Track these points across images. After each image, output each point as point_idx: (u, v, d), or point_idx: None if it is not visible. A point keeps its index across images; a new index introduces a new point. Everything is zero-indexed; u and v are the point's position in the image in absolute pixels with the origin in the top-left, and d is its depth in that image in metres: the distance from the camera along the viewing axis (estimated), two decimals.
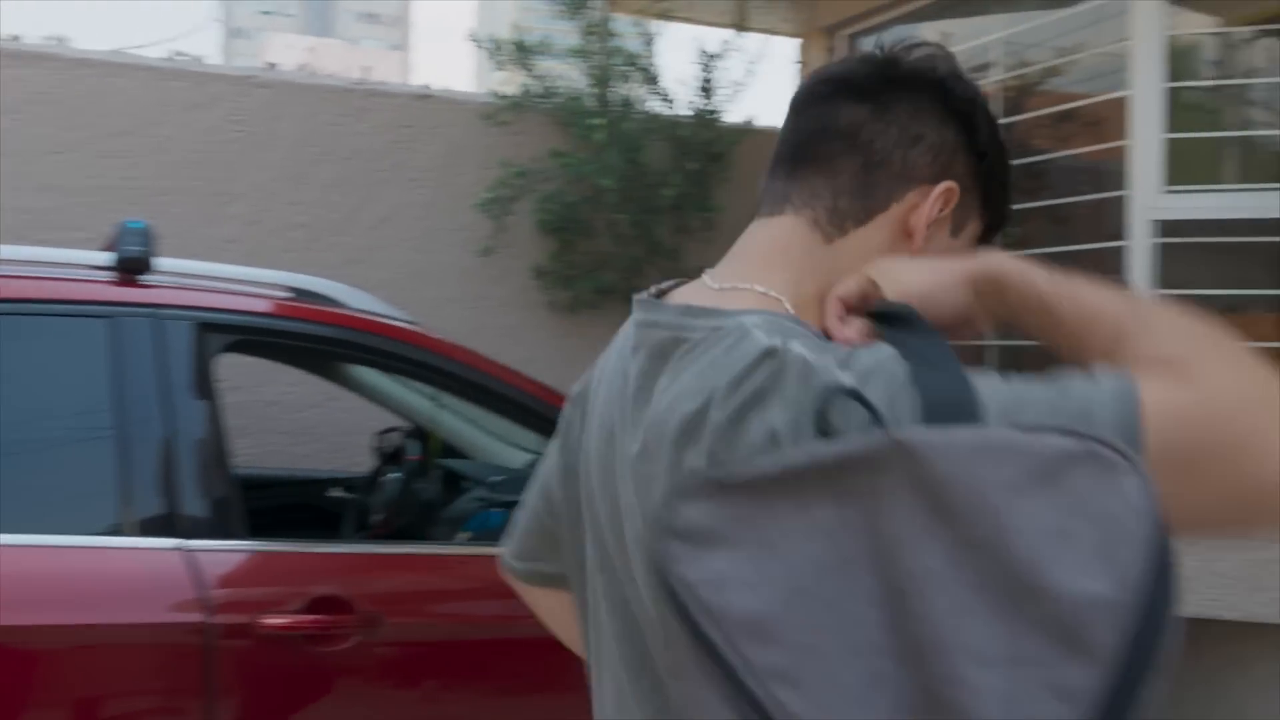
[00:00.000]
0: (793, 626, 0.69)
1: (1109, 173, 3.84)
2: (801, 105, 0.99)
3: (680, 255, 4.92)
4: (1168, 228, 3.64)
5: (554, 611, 1.15)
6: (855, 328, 0.87)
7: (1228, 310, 4.01)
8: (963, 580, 0.66)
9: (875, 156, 0.94)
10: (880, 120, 0.94)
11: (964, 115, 0.96)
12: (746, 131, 5.09)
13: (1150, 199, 3.63)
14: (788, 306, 0.91)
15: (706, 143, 4.88)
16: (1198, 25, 3.98)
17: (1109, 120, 3.91)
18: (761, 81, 5.04)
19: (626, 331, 0.98)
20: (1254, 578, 3.50)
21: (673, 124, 4.85)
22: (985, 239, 1.01)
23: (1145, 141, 3.63)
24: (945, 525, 0.67)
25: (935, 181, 0.94)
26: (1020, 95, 4.50)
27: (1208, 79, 3.91)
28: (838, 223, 0.94)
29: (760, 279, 0.93)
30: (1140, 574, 0.64)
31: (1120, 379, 0.76)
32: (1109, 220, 3.82)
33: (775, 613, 0.69)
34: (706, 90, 4.91)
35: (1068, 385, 0.77)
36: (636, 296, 0.99)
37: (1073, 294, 0.87)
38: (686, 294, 0.98)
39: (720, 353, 0.84)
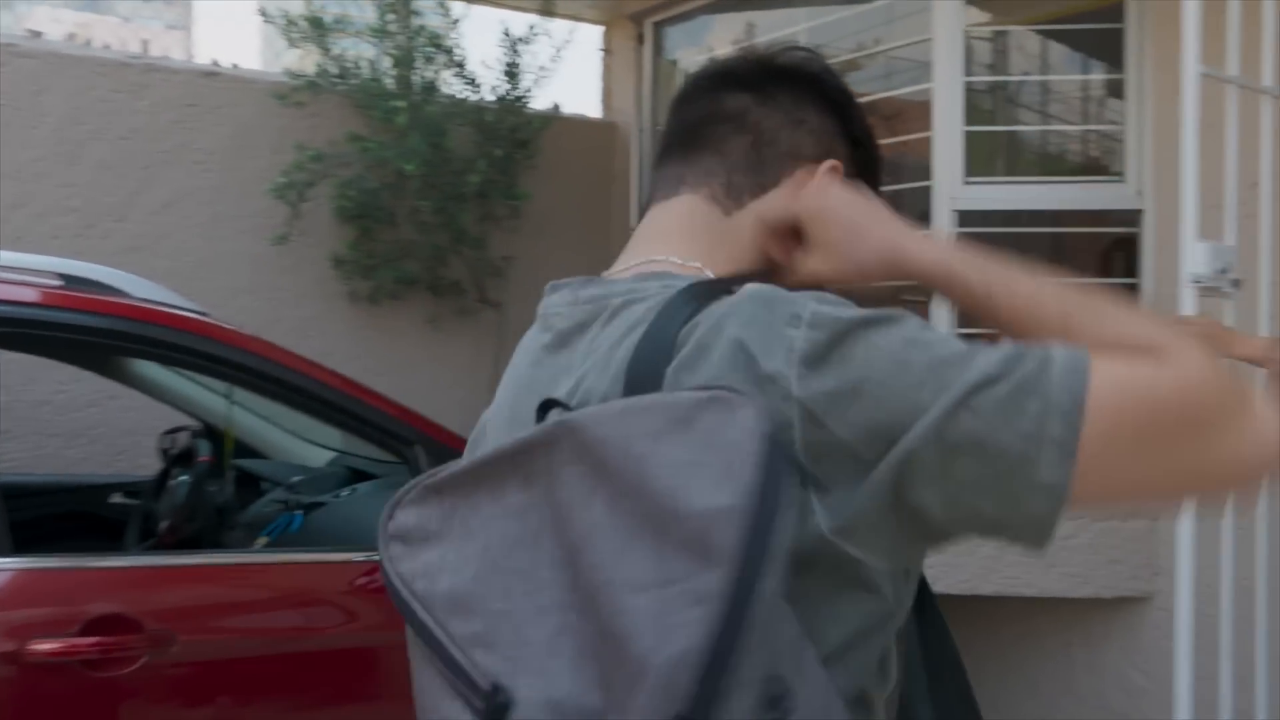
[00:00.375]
0: (488, 597, 0.79)
1: (911, 165, 3.92)
2: (686, 98, 1.05)
3: (486, 244, 4.79)
4: (966, 218, 3.75)
5: None
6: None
7: None
8: (620, 524, 0.73)
9: (764, 136, 1.00)
10: (764, 105, 1.01)
11: (839, 105, 1.04)
12: (553, 118, 4.99)
13: (952, 189, 3.72)
14: (708, 274, 0.96)
15: (512, 129, 4.77)
16: (995, 23, 4.11)
17: (909, 113, 3.99)
18: (567, 68, 4.95)
19: (527, 347, 1.02)
20: (1050, 556, 3.64)
21: (478, 109, 4.71)
22: None
23: (947, 134, 3.73)
24: (604, 481, 0.75)
25: (820, 160, 1.00)
26: None
27: (1003, 75, 4.04)
28: (735, 196, 1.00)
29: (676, 252, 0.98)
30: (752, 482, 0.70)
31: (1072, 353, 0.78)
32: (912, 211, 3.91)
33: (472, 588, 0.79)
34: (512, 75, 4.79)
35: (1022, 355, 0.79)
36: (553, 285, 1.04)
37: (1008, 285, 0.89)
38: (620, 271, 1.01)
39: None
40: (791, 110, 1.01)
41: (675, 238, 1.00)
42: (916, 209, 3.81)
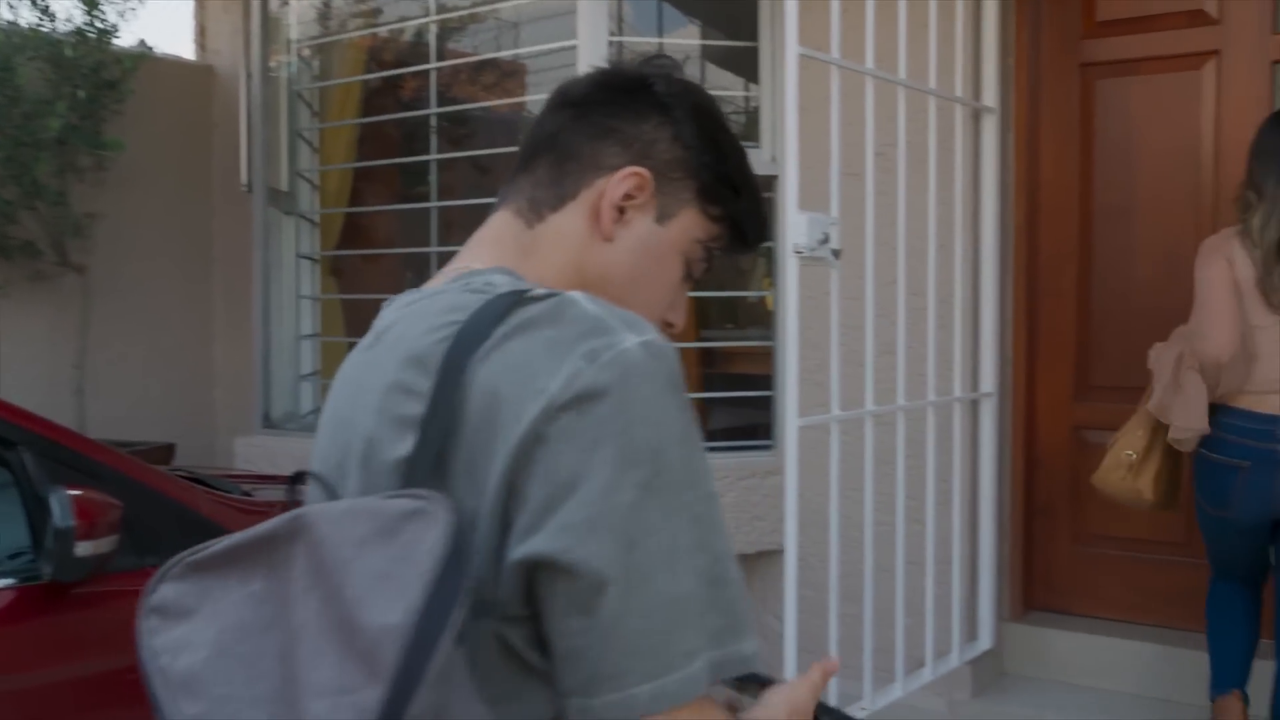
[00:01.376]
0: (215, 682, 0.81)
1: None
2: (528, 126, 1.09)
3: (67, 199, 4.18)
4: None
5: None
6: None
7: None
8: (323, 627, 0.76)
9: (566, 150, 1.03)
10: (578, 120, 1.03)
11: (666, 109, 1.03)
12: (143, 57, 4.43)
13: None
14: (513, 277, 0.99)
15: (96, 67, 4.17)
16: None
17: (544, 72, 3.89)
18: (158, 2, 4.40)
19: (359, 347, 1.02)
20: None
21: (53, 42, 4.07)
22: (735, 246, 1.09)
23: None
24: (320, 581, 0.78)
25: (616, 167, 1.01)
26: (446, 43, 4.36)
27: (652, 35, 4.02)
28: (535, 210, 1.03)
29: (475, 261, 1.03)
30: (419, 604, 0.74)
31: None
32: None
33: (202, 670, 0.81)
34: (91, 3, 4.18)
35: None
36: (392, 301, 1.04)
37: None
38: (429, 283, 1.04)
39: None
40: (602, 121, 1.02)
41: (483, 248, 1.04)
42: None
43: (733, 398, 4.13)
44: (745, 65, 3.98)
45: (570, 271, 1.01)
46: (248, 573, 0.82)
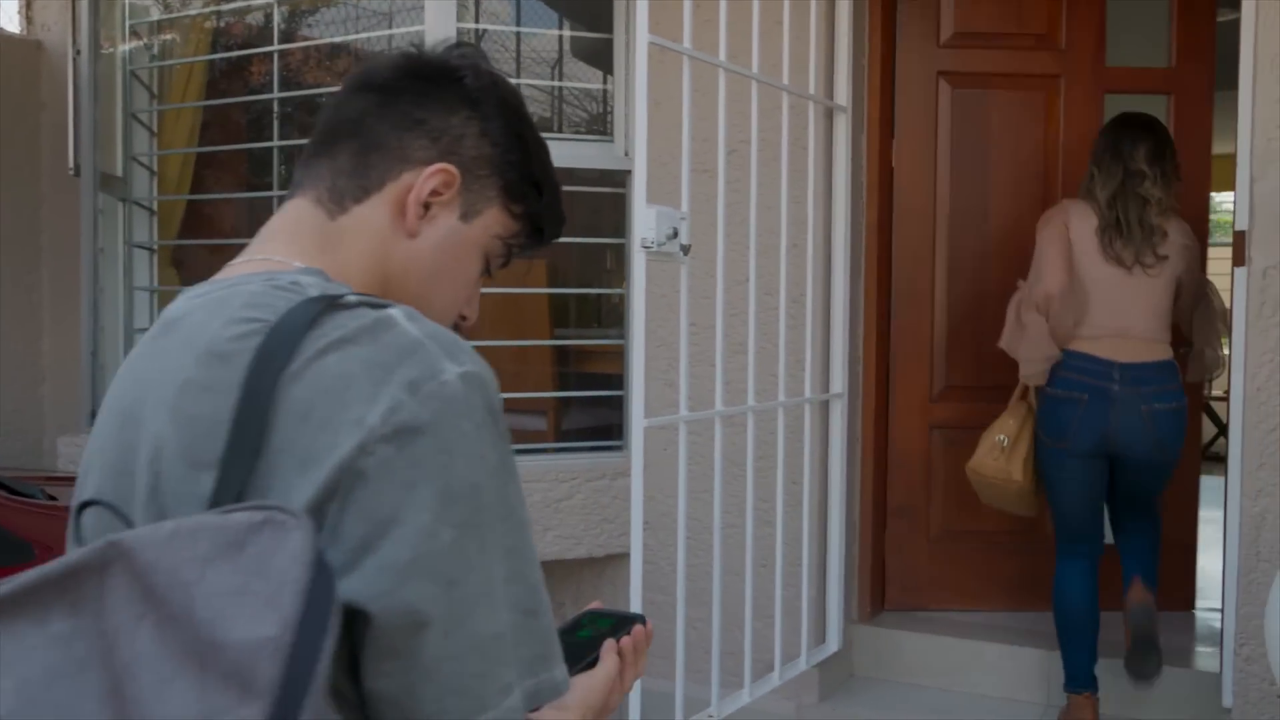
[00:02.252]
0: None
1: None
2: (327, 106, 1.03)
3: None
4: None
5: None
6: None
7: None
8: (166, 654, 0.70)
9: (372, 139, 0.98)
10: (384, 107, 0.99)
11: (474, 103, 1.00)
12: None
13: None
14: (312, 273, 0.95)
15: None
16: None
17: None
18: None
19: (146, 338, 0.96)
20: (546, 519, 3.61)
21: None
22: (533, 242, 1.06)
23: None
24: (153, 608, 0.71)
25: (426, 162, 0.98)
26: (294, 26, 4.18)
27: (506, 24, 3.90)
28: (337, 200, 0.99)
29: (279, 252, 0.97)
30: (296, 613, 0.70)
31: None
32: None
33: None
34: None
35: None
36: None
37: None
38: (223, 272, 0.98)
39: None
40: (410, 111, 0.99)
41: (281, 238, 0.99)
42: None
43: (587, 397, 4.05)
44: (602, 58, 3.90)
45: (372, 265, 0.98)
46: (42, 614, 0.74)
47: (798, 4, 3.27)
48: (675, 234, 2.79)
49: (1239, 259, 3.03)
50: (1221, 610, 3.16)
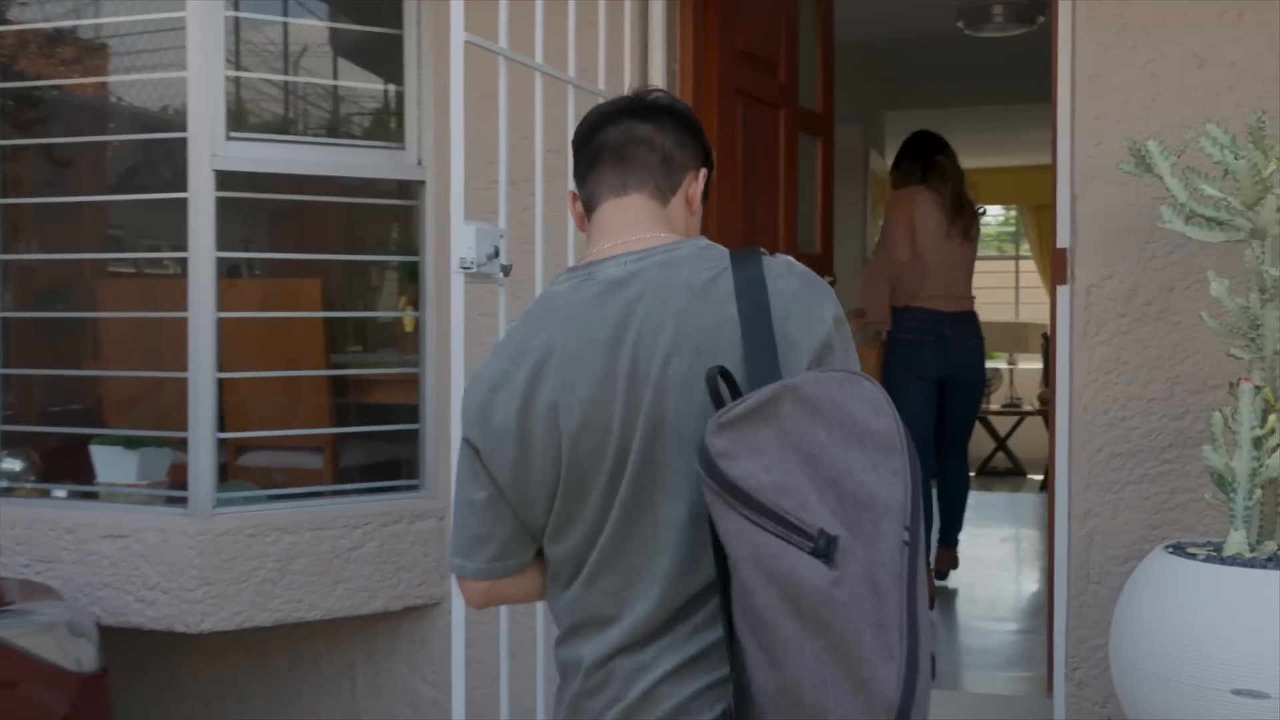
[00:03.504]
0: (791, 487, 1.24)
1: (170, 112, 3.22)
2: (602, 125, 1.54)
3: None
4: (230, 180, 3.15)
5: (518, 585, 1.54)
6: None
7: (277, 274, 3.66)
8: (839, 440, 1.24)
9: (668, 154, 1.53)
10: (661, 132, 1.53)
11: (696, 130, 1.57)
12: None
13: (214, 145, 3.10)
14: (696, 241, 1.51)
15: None
16: None
17: (162, 45, 3.29)
18: None
19: (577, 298, 1.44)
20: (335, 571, 3.22)
21: None
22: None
23: (205, 77, 3.09)
24: (820, 417, 1.24)
25: (696, 169, 1.56)
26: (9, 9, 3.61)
27: (274, 15, 3.47)
28: (662, 195, 1.52)
29: (648, 231, 1.49)
30: (894, 412, 1.26)
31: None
32: (164, 169, 3.22)
33: (785, 481, 1.23)
34: None
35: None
36: (570, 271, 1.49)
37: None
38: (614, 250, 1.49)
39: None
40: (675, 134, 1.53)
41: (645, 222, 1.49)
42: (171, 165, 3.13)
43: (371, 433, 3.64)
44: (384, 57, 3.54)
45: (684, 231, 1.52)
46: (757, 425, 1.25)
47: (612, 5, 3.04)
48: (496, 253, 2.50)
49: (1060, 277, 3.01)
50: (1050, 633, 3.10)
